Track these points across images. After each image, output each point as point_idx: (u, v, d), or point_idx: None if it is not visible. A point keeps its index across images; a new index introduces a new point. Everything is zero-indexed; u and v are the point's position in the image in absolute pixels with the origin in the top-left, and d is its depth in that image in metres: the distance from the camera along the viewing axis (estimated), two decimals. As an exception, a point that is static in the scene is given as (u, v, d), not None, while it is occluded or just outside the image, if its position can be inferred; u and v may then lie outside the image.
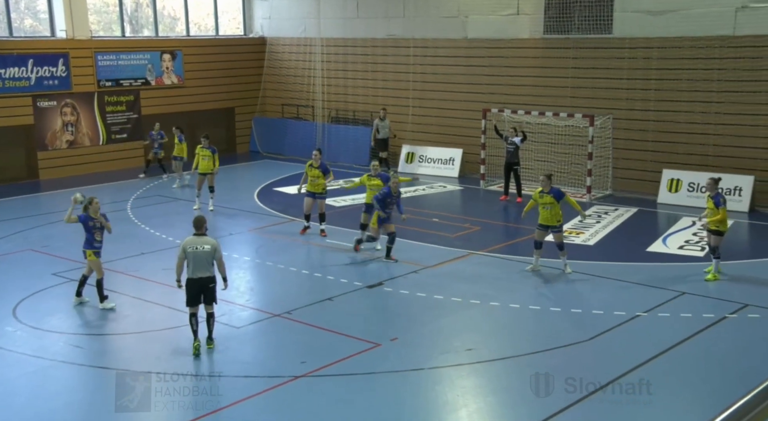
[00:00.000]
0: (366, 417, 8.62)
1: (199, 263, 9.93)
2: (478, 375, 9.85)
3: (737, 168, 18.20)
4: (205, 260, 9.95)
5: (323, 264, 14.31)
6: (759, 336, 10.89)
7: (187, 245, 10.01)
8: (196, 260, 9.93)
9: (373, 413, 8.70)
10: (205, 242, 10.04)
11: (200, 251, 9.93)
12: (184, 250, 9.97)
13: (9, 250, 15.18)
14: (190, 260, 9.95)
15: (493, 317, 11.82)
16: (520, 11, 21.27)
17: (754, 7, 17.79)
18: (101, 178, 22.42)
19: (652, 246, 15.26)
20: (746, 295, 12.32)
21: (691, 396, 9.09)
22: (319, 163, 15.77)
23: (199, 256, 9.92)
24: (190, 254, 9.93)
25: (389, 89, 24.31)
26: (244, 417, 8.52)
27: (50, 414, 8.69)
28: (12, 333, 11.05)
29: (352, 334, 10.81)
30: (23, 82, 21.74)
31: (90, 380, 9.72)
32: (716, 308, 11.70)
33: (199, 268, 9.93)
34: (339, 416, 8.61)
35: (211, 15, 26.87)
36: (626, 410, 8.53)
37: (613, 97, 19.91)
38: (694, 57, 18.68)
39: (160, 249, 15.24)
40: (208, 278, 10.03)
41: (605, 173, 19.80)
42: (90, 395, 9.34)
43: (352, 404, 8.90)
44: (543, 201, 13.30)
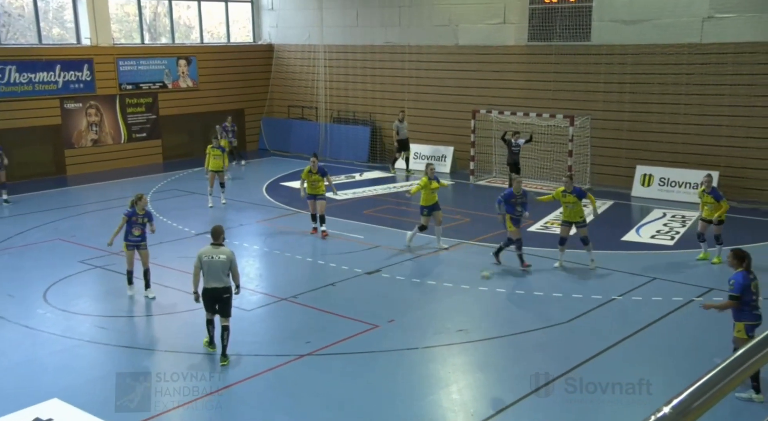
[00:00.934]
0: (365, 392, 8.63)
1: (213, 273, 9.16)
2: (468, 354, 9.86)
3: (703, 164, 18.17)
4: (219, 269, 9.16)
5: (326, 252, 14.29)
6: (722, 317, 10.86)
7: (203, 254, 9.27)
8: (211, 269, 9.16)
9: (372, 388, 8.71)
10: (220, 252, 9.26)
11: (215, 261, 9.16)
12: (200, 259, 9.24)
13: (40, 239, 15.16)
14: (205, 269, 9.21)
15: (481, 301, 11.81)
16: (507, 20, 21.20)
17: (718, 17, 17.76)
18: (123, 173, 22.36)
19: (626, 236, 15.26)
20: (711, 280, 12.34)
21: (662, 371, 9.09)
22: (317, 168, 15.16)
23: (214, 265, 9.15)
24: (205, 264, 9.18)
25: (386, 92, 24.23)
26: (255, 392, 8.52)
27: (77, 389, 8.68)
28: (43, 315, 11.04)
29: (352, 316, 10.82)
30: (52, 85, 21.64)
31: (113, 358, 9.70)
32: (684, 292, 11.71)
33: (213, 278, 9.17)
34: (341, 391, 8.61)
35: (223, 24, 26.75)
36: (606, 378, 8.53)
37: (591, 99, 19.87)
38: (665, 63, 18.66)
39: (177, 239, 15.22)
40: (222, 289, 9.22)
41: (584, 169, 19.78)
42: (113, 371, 9.31)
43: (352, 380, 8.91)
44: (566, 200, 12.90)
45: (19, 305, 11.49)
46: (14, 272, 13.11)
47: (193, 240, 15.18)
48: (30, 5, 21.71)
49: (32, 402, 8.25)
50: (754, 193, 17.84)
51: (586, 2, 19.55)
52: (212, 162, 17.75)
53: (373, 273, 12.91)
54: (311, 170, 15.07)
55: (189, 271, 10.26)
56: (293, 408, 8.20)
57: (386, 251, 14.18)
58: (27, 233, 15.73)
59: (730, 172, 18.04)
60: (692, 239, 14.88)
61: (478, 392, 8.85)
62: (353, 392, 8.61)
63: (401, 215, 17.38)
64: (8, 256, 14.16)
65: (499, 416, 8.02)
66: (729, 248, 13.16)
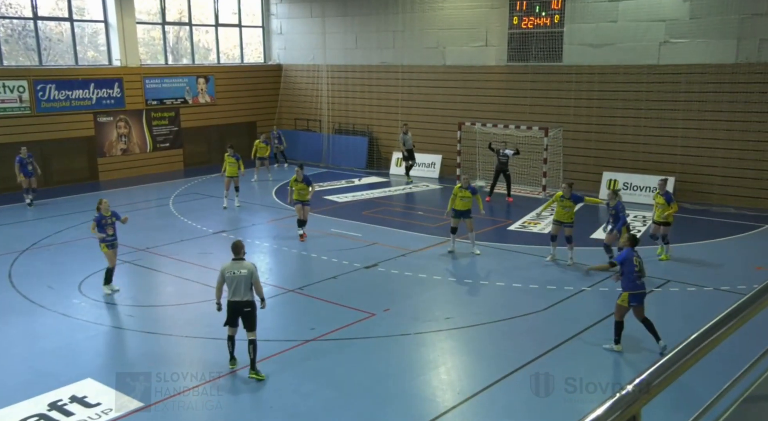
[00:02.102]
0: (364, 373, 8.62)
1: (236, 287, 8.42)
2: (455, 339, 9.86)
3: (661, 170, 18.23)
4: (242, 284, 8.41)
5: (328, 249, 14.27)
6: (678, 305, 10.94)
7: (225, 270, 8.48)
8: (234, 284, 8.42)
9: (370, 370, 8.70)
10: (242, 266, 8.46)
11: (237, 276, 8.39)
12: (223, 274, 8.49)
13: (75, 237, 15.12)
14: (228, 284, 8.46)
15: (466, 291, 11.82)
16: (488, 43, 21.22)
17: (673, 42, 17.83)
18: (148, 179, 22.32)
19: (594, 233, 15.28)
20: (668, 273, 12.37)
21: (625, 353, 9.11)
22: (302, 178, 14.64)
23: (236, 280, 8.40)
24: (228, 279, 8.44)
25: (382, 106, 24.23)
26: (265, 372, 8.48)
27: (108, 369, 8.66)
28: (78, 304, 11.02)
29: (352, 306, 10.81)
30: (86, 101, 21.58)
31: (140, 343, 9.69)
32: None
33: (237, 292, 8.42)
34: (341, 372, 8.60)
35: (238, 46, 26.71)
36: (585, 357, 8.56)
37: (563, 113, 19.90)
38: (627, 81, 18.71)
39: (196, 237, 15.20)
40: (246, 302, 8.46)
41: (557, 175, 19.79)
42: (139, 354, 9.31)
43: (352, 363, 8.90)
44: (563, 204, 12.85)
45: (57, 295, 11.46)
46: (53, 266, 13.08)
47: (210, 238, 15.17)
48: (68, 31, 21.65)
49: (69, 381, 8.24)
50: (705, 196, 17.90)
51: (558, 28, 19.59)
52: (228, 169, 17.71)
53: (370, 267, 12.90)
54: (297, 179, 14.64)
55: (207, 265, 10.27)
56: (299, 387, 8.19)
57: (382, 247, 14.17)
58: (64, 232, 15.70)
59: (684, 177, 18.10)
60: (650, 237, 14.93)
61: (464, 373, 8.85)
62: (353, 372, 8.60)
63: (396, 215, 17.38)
64: (48, 252, 14.13)
65: (482, 393, 8.02)
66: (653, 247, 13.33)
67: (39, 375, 8.51)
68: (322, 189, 20.68)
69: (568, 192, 12.91)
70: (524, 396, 7.87)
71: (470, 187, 13.50)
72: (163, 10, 23.85)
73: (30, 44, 21.01)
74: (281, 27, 26.84)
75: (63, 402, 7.78)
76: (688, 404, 6.39)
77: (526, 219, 16.54)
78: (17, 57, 20.93)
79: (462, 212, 13.44)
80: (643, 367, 2.03)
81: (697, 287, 11.59)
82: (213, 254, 13.92)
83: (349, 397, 7.97)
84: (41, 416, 7.51)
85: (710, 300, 10.98)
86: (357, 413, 7.62)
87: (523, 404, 7.79)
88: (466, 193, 13.33)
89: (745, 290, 11.28)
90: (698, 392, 7.80)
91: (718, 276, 12.19)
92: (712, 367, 4.02)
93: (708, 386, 3.18)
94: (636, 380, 1.94)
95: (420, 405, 7.84)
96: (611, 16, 18.72)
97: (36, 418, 7.46)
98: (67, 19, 21.48)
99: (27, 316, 10.65)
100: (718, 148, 17.64)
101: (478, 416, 7.71)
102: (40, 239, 15.05)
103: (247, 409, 7.82)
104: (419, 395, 8.11)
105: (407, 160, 21.65)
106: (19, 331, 10.08)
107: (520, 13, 20.17)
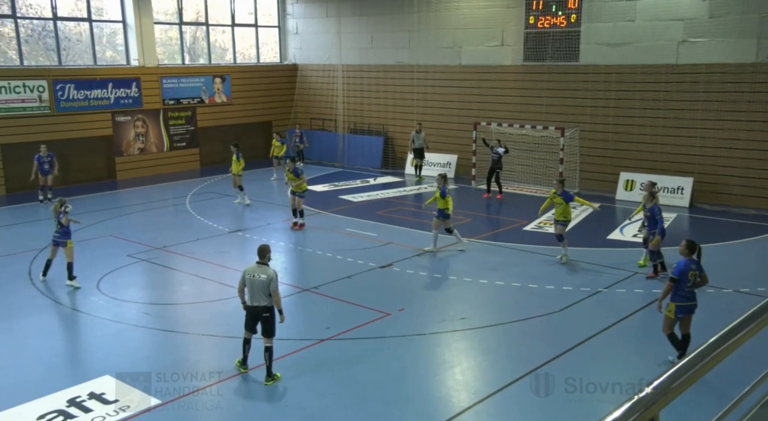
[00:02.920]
0: (379, 372, 8.62)
1: (254, 291, 8.23)
2: (470, 339, 9.83)
3: (679, 171, 18.07)
4: (259, 289, 8.18)
5: (343, 248, 14.29)
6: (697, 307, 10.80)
7: (246, 272, 8.33)
8: (253, 287, 8.24)
9: (385, 369, 8.70)
10: (263, 271, 8.24)
11: (256, 280, 8.19)
12: (244, 276, 8.34)
13: (93, 236, 15.27)
14: (248, 286, 8.30)
15: (482, 292, 11.78)
16: (504, 43, 21.14)
17: (692, 41, 17.66)
18: (165, 178, 22.49)
19: (611, 234, 15.18)
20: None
21: (643, 355, 9.05)
22: (292, 169, 15.68)
23: (255, 284, 8.21)
24: (248, 281, 8.27)
25: (397, 106, 24.23)
26: (281, 371, 8.52)
27: (126, 366, 8.74)
28: (96, 302, 11.13)
29: (367, 305, 10.82)
30: (104, 101, 21.80)
31: (156, 341, 9.77)
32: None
33: (254, 296, 8.24)
34: (356, 372, 8.62)
35: (254, 46, 26.84)
36: (594, 363, 8.50)
37: (579, 113, 19.78)
38: (645, 81, 18.55)
39: (212, 236, 15.29)
40: (263, 308, 8.24)
41: (573, 175, 19.68)
42: (157, 351, 9.39)
43: (367, 362, 8.91)
44: (556, 201, 12.97)
45: (76, 292, 11.59)
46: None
47: (226, 237, 15.26)
48: (87, 31, 21.89)
49: (87, 378, 8.34)
50: (724, 197, 17.71)
51: (575, 27, 19.47)
52: (233, 166, 18.16)
53: (385, 267, 12.90)
54: (289, 170, 15.83)
55: (224, 264, 10.34)
56: (315, 386, 8.22)
57: (397, 247, 14.17)
58: (82, 230, 15.81)
59: (703, 178, 17.91)
60: (669, 237, 14.76)
61: (479, 373, 8.82)
62: (368, 372, 8.61)
63: (411, 215, 17.38)
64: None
65: (497, 394, 8.00)
66: (673, 247, 13.15)
67: (58, 372, 8.62)
68: (337, 188, 20.74)
69: (560, 188, 12.95)
70: (540, 398, 7.83)
71: (442, 189, 13.72)
72: (180, 10, 24.03)
73: (50, 44, 21.27)
74: (297, 27, 26.93)
75: (81, 398, 7.87)
76: (708, 406, 6.33)
77: (542, 219, 16.46)
78: (37, 57, 21.19)
79: (440, 212, 13.74)
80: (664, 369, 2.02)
81: (716, 289, 11.46)
82: (229, 253, 14.01)
83: (364, 396, 7.98)
84: (60, 411, 7.60)
85: (730, 302, 10.87)
86: (371, 412, 7.63)
87: (538, 405, 7.75)
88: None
89: (765, 292, 11.16)
90: (719, 394, 7.73)
91: (737, 278, 12.05)
92: (733, 368, 3.98)
93: (729, 387, 3.16)
94: (655, 383, 1.93)
95: (435, 405, 7.83)
96: (629, 15, 18.57)
97: (55, 414, 7.56)
98: (86, 20, 21.71)
99: (46, 313, 10.79)
100: (738, 149, 17.43)
101: (493, 417, 7.69)
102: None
103: (262, 407, 7.86)
104: (434, 396, 8.11)
105: (414, 159, 21.96)
106: (39, 328, 10.21)
107: (536, 13, 20.08)
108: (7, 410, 7.64)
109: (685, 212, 17.26)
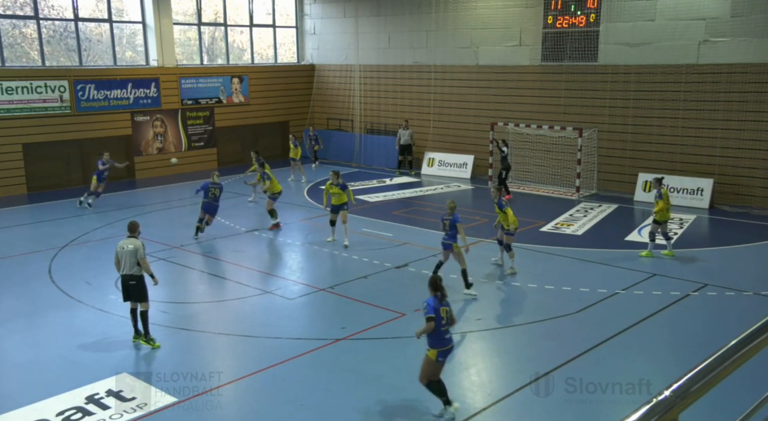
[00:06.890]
0: (394, 372, 8.61)
1: (124, 261, 9.31)
2: (486, 340, 9.79)
3: (699, 172, 17.86)
4: (128, 258, 9.25)
5: (359, 248, 14.30)
6: (716, 310, 10.69)
7: (118, 246, 9.40)
8: (122, 257, 9.29)
9: (400, 370, 8.68)
10: (131, 242, 9.35)
11: (125, 251, 9.30)
12: (116, 251, 9.38)
13: (112, 234, 15.41)
14: (120, 258, 9.31)
15: (498, 292, 11.73)
16: (522, 43, 21.03)
17: (713, 41, 17.42)
18: (183, 178, 22.64)
19: (629, 236, 15.04)
20: (706, 276, 12.10)
21: (661, 358, 8.94)
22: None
23: (124, 254, 9.28)
24: (119, 253, 9.30)
25: (414, 106, 24.20)
26: (297, 370, 8.56)
27: (143, 364, 8.83)
28: (115, 300, 11.21)
29: (382, 305, 10.81)
30: (124, 101, 22.02)
31: (173, 339, 9.83)
32: (681, 287, 11.50)
33: (124, 265, 9.32)
34: (371, 372, 8.61)
35: (271, 47, 26.96)
36: (610, 365, 8.42)
37: (598, 114, 19.62)
38: (665, 81, 18.35)
39: (230, 235, 15.37)
40: (130, 276, 9.35)
41: (591, 176, 19.54)
42: (174, 350, 9.45)
43: (382, 362, 8.90)
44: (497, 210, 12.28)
45: (95, 291, 11.71)
46: (91, 263, 13.36)
47: (244, 236, 15.33)
48: (107, 32, 22.13)
49: (105, 376, 8.40)
50: (745, 199, 17.46)
51: (593, 27, 19.32)
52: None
53: (401, 267, 12.89)
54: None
55: (240, 263, 10.38)
56: (330, 385, 8.23)
57: (413, 247, 14.14)
58: (102, 229, 16.03)
59: (723, 179, 17.68)
60: (688, 238, 14.64)
61: (495, 375, 8.79)
62: (383, 372, 8.60)
63: (427, 215, 17.34)
64: (86, 248, 14.43)
65: (513, 396, 7.95)
66: (692, 249, 13.05)
67: (77, 369, 8.71)
68: (354, 188, 20.73)
69: (496, 196, 12.29)
70: (556, 400, 7.77)
71: (341, 184, 14.09)
72: (199, 11, 24.21)
73: (71, 45, 21.52)
74: (314, 27, 27.00)
75: (99, 395, 7.94)
76: (728, 409, 6.23)
77: (559, 220, 16.35)
78: (58, 58, 21.45)
79: (337, 207, 14.10)
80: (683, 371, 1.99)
81: (737, 291, 11.31)
82: (245, 252, 14.07)
83: (380, 396, 7.97)
84: (78, 408, 7.68)
85: (750, 305, 10.71)
86: (387, 412, 7.62)
87: (555, 407, 7.68)
88: (336, 189, 14.08)
89: (787, 295, 10.98)
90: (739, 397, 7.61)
91: (758, 280, 11.88)
92: (755, 371, 3.92)
93: (750, 390, 3.10)
94: (674, 386, 1.90)
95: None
96: (649, 14, 18.38)
97: (74, 410, 7.63)
98: (107, 21, 21.94)
99: (66, 311, 10.90)
100: (760, 150, 17.18)
101: (509, 419, 7.65)
102: (78, 235, 15.39)
103: (278, 406, 7.87)
104: (450, 397, 8.05)
105: (402, 155, 22.80)
106: (59, 325, 10.33)
107: (554, 12, 19.94)
108: (27, 406, 7.73)
109: (705, 214, 17.04)
